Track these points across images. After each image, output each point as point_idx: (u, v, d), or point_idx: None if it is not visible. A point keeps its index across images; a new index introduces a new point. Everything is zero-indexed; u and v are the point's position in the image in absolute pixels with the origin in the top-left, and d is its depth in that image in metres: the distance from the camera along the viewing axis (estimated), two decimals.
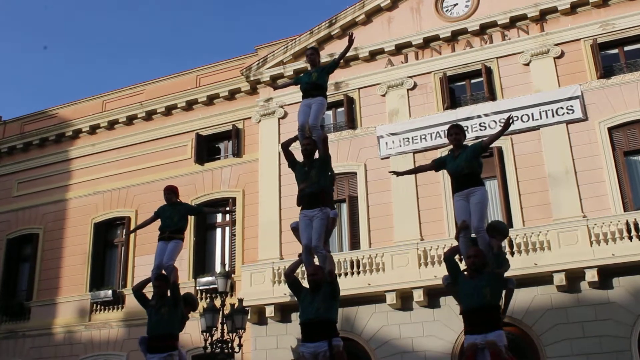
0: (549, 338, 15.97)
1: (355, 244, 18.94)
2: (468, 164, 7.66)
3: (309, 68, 8.82)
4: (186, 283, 19.16)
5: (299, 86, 8.79)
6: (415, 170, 8.85)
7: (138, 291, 8.90)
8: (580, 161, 17.24)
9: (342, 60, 8.87)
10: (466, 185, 7.67)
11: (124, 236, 22.14)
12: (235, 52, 59.81)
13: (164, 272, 8.89)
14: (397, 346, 17.20)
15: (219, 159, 22.38)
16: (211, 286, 19.52)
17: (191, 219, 21.06)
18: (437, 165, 8.17)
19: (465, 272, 7.28)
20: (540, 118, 17.83)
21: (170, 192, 9.49)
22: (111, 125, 23.78)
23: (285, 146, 8.35)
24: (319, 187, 7.86)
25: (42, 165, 24.64)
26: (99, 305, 21.73)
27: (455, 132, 7.92)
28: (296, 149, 8.17)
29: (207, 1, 61.26)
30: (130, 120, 23.50)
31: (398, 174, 8.63)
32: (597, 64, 17.76)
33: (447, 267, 7.43)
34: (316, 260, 7.96)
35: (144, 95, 23.55)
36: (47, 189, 24.17)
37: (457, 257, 7.85)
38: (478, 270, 7.08)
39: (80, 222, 23.16)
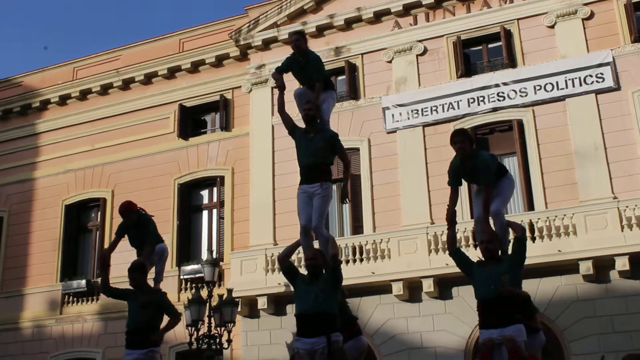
0: (574, 333, 16.02)
1: (357, 228, 18.94)
2: (490, 177, 7.45)
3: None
4: (169, 272, 19.22)
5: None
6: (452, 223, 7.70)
7: (106, 290, 8.50)
8: (610, 136, 17.19)
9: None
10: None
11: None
12: (222, 13, 59.60)
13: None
14: (404, 341, 17.24)
15: (205, 133, 22.38)
16: (197, 275, 19.51)
17: (175, 199, 21.02)
18: (456, 182, 7.63)
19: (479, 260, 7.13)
20: (566, 87, 17.81)
21: (125, 211, 9.05)
22: (83, 95, 23.66)
23: (281, 107, 8.07)
24: (321, 158, 7.66)
25: (5, 140, 24.57)
26: (71, 297, 21.71)
27: (460, 139, 7.44)
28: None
29: None
30: (105, 90, 23.41)
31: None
32: (632, 26, 17.73)
33: (455, 262, 7.25)
34: (316, 244, 7.76)
35: (120, 62, 23.44)
36: (12, 167, 24.13)
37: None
38: (493, 256, 6.94)
39: (49, 203, 23.17)
